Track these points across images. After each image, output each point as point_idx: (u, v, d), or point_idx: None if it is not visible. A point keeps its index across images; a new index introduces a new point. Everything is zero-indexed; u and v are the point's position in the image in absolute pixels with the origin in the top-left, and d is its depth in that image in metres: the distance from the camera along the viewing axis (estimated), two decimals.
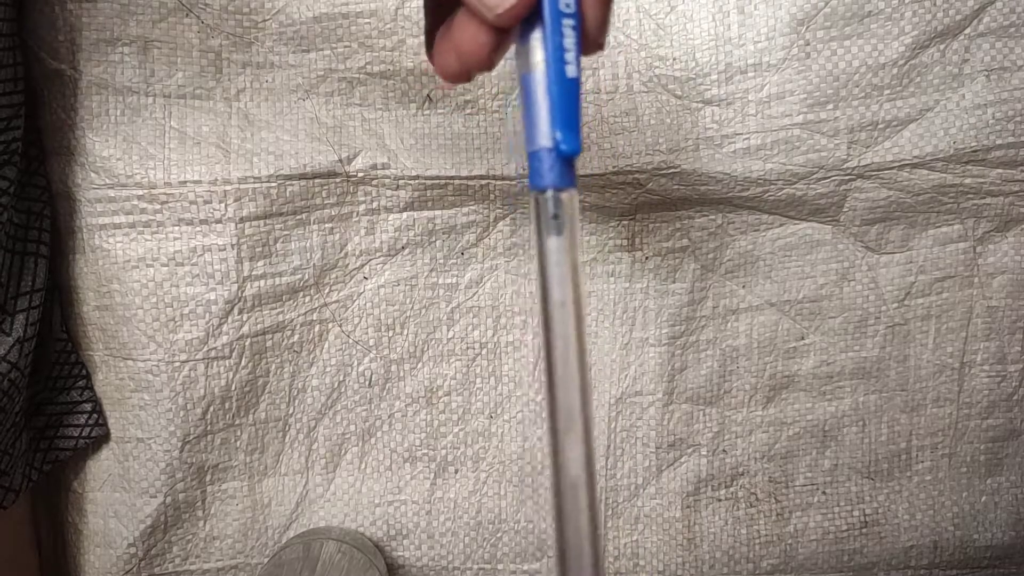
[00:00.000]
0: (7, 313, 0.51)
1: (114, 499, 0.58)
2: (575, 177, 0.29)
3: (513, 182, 0.57)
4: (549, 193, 0.29)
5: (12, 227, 0.52)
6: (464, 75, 0.32)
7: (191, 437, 0.57)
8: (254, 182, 0.56)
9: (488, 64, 0.31)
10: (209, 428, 0.57)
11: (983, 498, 0.62)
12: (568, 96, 0.28)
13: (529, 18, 0.28)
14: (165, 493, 0.57)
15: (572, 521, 0.29)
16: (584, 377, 0.29)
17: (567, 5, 0.28)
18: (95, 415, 0.57)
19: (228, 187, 0.55)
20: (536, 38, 0.28)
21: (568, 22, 0.28)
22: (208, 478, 0.58)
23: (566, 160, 0.28)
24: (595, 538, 0.29)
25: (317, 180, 0.56)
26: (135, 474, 0.57)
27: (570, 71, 0.28)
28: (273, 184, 0.56)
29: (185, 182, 0.55)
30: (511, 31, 0.29)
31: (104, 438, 0.58)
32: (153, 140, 0.54)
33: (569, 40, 0.28)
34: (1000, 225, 0.59)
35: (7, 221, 0.51)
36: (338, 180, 0.56)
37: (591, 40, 0.30)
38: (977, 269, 0.60)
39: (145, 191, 0.54)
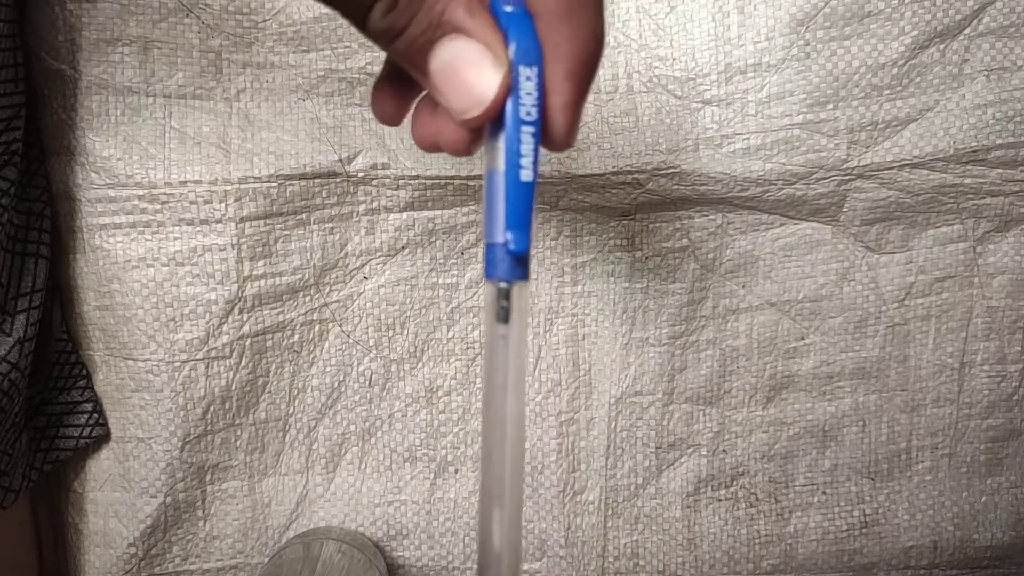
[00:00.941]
0: (7, 313, 0.51)
1: (114, 499, 0.58)
2: (527, 271, 0.31)
3: None
4: (500, 284, 0.30)
5: (12, 227, 0.52)
6: (440, 150, 0.33)
7: (191, 437, 0.57)
8: (254, 182, 0.56)
9: (466, 153, 0.32)
10: (209, 428, 0.57)
11: (983, 498, 0.62)
12: (521, 199, 0.30)
13: (497, 119, 0.29)
14: (165, 493, 0.57)
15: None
16: (518, 456, 0.31)
17: (528, 113, 0.29)
18: (95, 415, 0.57)
19: (228, 187, 0.56)
20: (500, 140, 0.30)
21: (527, 129, 0.29)
22: (208, 478, 0.58)
23: (517, 257, 0.30)
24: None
25: (317, 180, 0.56)
26: (135, 474, 0.57)
27: (524, 175, 0.29)
28: (273, 184, 0.56)
29: (185, 182, 0.55)
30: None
31: (104, 438, 0.58)
32: (153, 140, 0.54)
33: (526, 147, 0.29)
34: (1000, 225, 0.59)
35: (7, 222, 0.51)
36: (338, 180, 0.57)
37: (559, 143, 0.31)
38: (977, 269, 0.60)
39: (145, 191, 0.54)
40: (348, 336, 0.59)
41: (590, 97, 0.56)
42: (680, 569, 0.62)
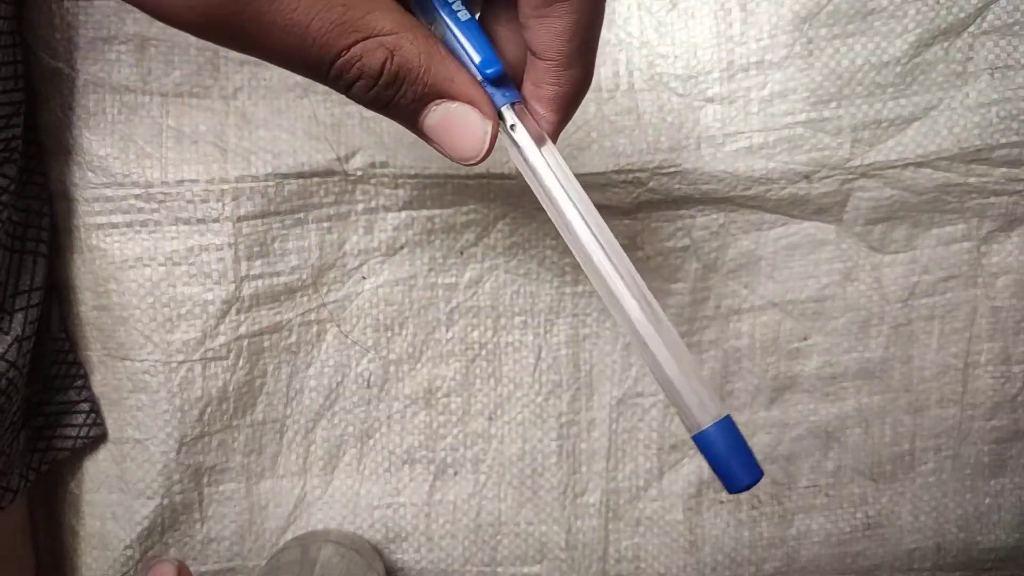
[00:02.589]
0: (5, 312, 0.51)
1: (111, 501, 0.58)
2: (514, 92, 0.36)
3: (513, 181, 0.57)
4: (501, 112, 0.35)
5: (11, 225, 0.52)
6: None
7: (188, 438, 0.57)
8: (251, 181, 0.56)
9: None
10: (206, 429, 0.57)
11: (987, 500, 0.62)
12: (470, 33, 0.34)
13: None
14: (162, 495, 0.57)
15: (659, 367, 0.33)
16: (614, 241, 0.35)
17: (463, 15, 0.34)
18: (93, 415, 0.57)
19: (225, 186, 0.56)
20: (437, 21, 0.34)
21: (470, 25, 0.34)
22: (205, 480, 0.58)
23: (496, 80, 0.34)
24: (688, 366, 0.33)
25: (315, 179, 0.56)
26: (132, 476, 0.57)
27: (462, 16, 0.34)
28: (271, 183, 0.56)
29: (182, 181, 0.55)
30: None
31: (101, 439, 0.58)
32: (150, 139, 0.55)
33: (473, 42, 0.34)
34: (1004, 224, 0.59)
35: (7, 219, 0.51)
36: (336, 179, 0.57)
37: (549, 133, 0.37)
38: (981, 269, 0.60)
39: (142, 190, 0.54)
40: (346, 337, 0.59)
41: (591, 95, 0.56)
42: (682, 572, 0.62)
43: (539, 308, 0.60)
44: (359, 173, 0.56)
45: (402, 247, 0.59)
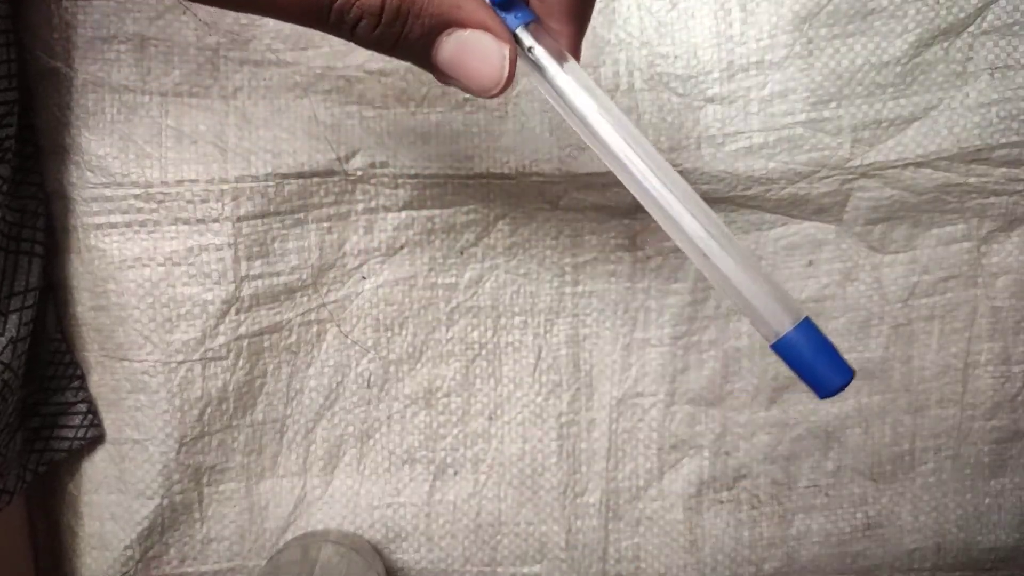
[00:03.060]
0: (1, 312, 0.51)
1: (110, 501, 0.58)
2: (528, 12, 0.33)
3: (512, 180, 0.57)
4: (520, 33, 0.33)
5: (6, 225, 0.52)
6: None
7: (188, 439, 0.57)
8: (251, 181, 0.55)
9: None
10: (206, 429, 0.57)
11: (987, 500, 0.62)
12: None
13: None
14: (162, 495, 0.57)
15: (725, 279, 0.31)
16: (656, 151, 0.33)
17: None
18: (90, 416, 0.56)
19: (225, 186, 0.55)
20: None
21: None
22: (205, 480, 0.58)
23: (506, 3, 0.33)
24: (751, 275, 0.31)
25: (315, 179, 0.56)
26: (131, 476, 0.57)
27: None
28: (271, 183, 0.56)
29: (182, 181, 0.54)
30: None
31: (99, 439, 0.57)
32: (150, 139, 0.54)
33: None
34: (1004, 225, 0.58)
35: (1, 219, 0.50)
36: (336, 179, 0.56)
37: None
38: (981, 269, 0.59)
39: (142, 190, 0.54)
40: (346, 336, 0.59)
41: None
42: (682, 572, 0.61)
43: (539, 308, 0.60)
44: (359, 173, 0.56)
45: (402, 247, 0.58)
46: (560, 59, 0.34)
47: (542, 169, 0.56)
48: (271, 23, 0.54)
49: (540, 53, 0.33)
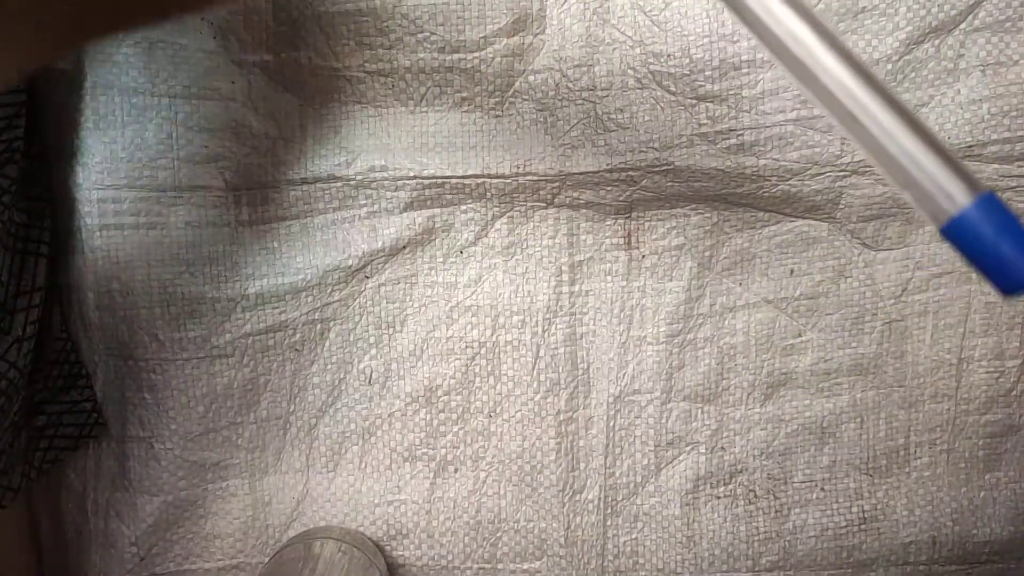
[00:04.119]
0: (7, 312, 0.50)
1: (115, 498, 0.57)
2: None
3: (508, 180, 0.57)
4: None
5: (13, 226, 0.51)
6: None
7: (193, 435, 0.56)
8: (258, 187, 0.55)
9: None
10: (211, 426, 0.57)
11: (981, 493, 0.61)
12: None
13: None
14: (167, 492, 0.56)
15: (875, 135, 0.24)
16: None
17: None
18: (95, 414, 0.56)
19: (235, 192, 0.55)
20: None
21: None
22: (209, 476, 0.58)
23: None
24: (925, 133, 0.24)
25: (319, 184, 0.56)
26: (136, 473, 0.56)
27: None
28: (276, 189, 0.56)
29: (192, 185, 0.54)
30: None
31: (104, 437, 0.57)
32: (159, 141, 0.54)
33: None
34: None
35: (8, 220, 0.50)
36: (339, 184, 0.56)
37: None
38: None
39: (151, 193, 0.54)
40: (349, 334, 0.59)
41: (585, 94, 0.55)
42: (679, 567, 0.61)
43: (537, 307, 0.59)
44: (360, 177, 0.56)
45: (404, 247, 0.58)
46: None
47: (537, 168, 0.56)
48: (273, 24, 0.54)
49: None
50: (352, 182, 0.56)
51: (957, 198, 0.23)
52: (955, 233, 0.23)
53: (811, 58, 0.25)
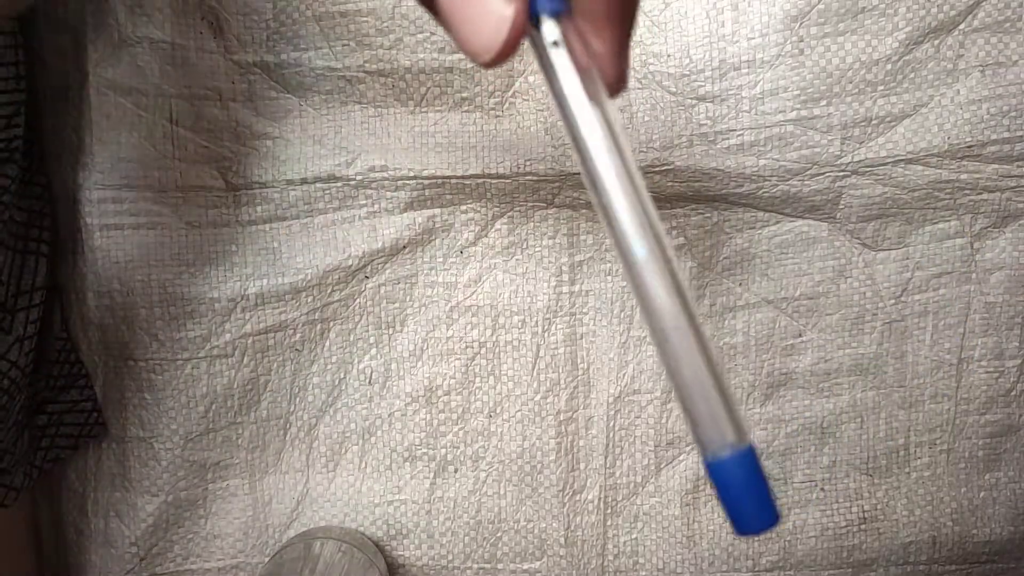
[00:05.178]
0: (7, 311, 0.50)
1: (115, 498, 0.56)
2: (563, 2, 0.26)
3: (508, 180, 0.56)
4: (543, 25, 0.26)
5: (14, 225, 0.51)
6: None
7: (193, 435, 0.56)
8: (259, 187, 0.55)
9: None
10: (211, 426, 0.56)
11: (981, 494, 0.60)
12: None
13: None
14: (167, 492, 0.56)
15: (677, 366, 0.25)
16: (644, 188, 0.26)
17: None
18: (95, 414, 0.55)
19: (235, 192, 0.55)
20: None
21: None
22: (209, 476, 0.57)
23: None
24: (716, 377, 0.25)
25: (318, 184, 0.55)
26: (136, 473, 0.56)
27: None
28: (276, 189, 0.55)
29: (192, 185, 0.54)
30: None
31: (104, 437, 0.56)
32: (160, 141, 0.53)
33: None
34: (997, 221, 0.57)
35: (9, 219, 0.49)
36: (339, 184, 0.55)
37: (613, 89, 0.27)
38: (974, 265, 0.58)
39: (153, 193, 0.53)
40: (349, 334, 0.58)
41: None
42: (680, 567, 0.60)
43: (537, 307, 0.59)
44: (359, 178, 0.55)
45: (404, 247, 0.57)
46: (586, 79, 0.26)
47: (537, 168, 0.55)
48: (274, 24, 0.53)
49: (561, 56, 0.26)
50: (352, 182, 0.55)
51: (728, 440, 0.25)
52: (716, 468, 0.25)
53: (641, 282, 0.26)
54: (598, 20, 0.26)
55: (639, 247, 0.26)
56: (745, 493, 0.25)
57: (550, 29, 0.26)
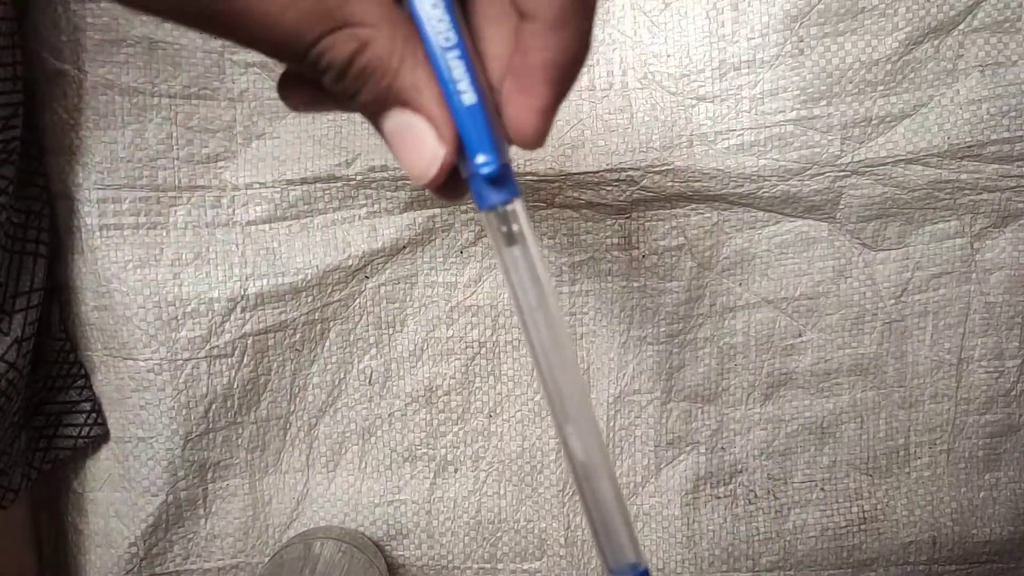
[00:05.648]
0: (5, 312, 0.49)
1: (115, 498, 0.56)
2: (515, 187, 0.29)
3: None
4: (496, 210, 0.29)
5: (11, 226, 0.50)
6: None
7: (193, 435, 0.55)
8: (259, 187, 0.55)
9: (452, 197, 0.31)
10: (211, 426, 0.56)
11: (981, 493, 0.60)
12: (474, 122, 0.28)
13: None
14: (167, 492, 0.56)
15: (593, 502, 0.30)
16: (570, 369, 0.30)
17: (446, 39, 0.27)
18: (94, 414, 0.55)
19: (235, 193, 0.54)
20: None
21: (451, 54, 0.27)
22: (209, 476, 0.57)
23: (497, 178, 0.28)
24: (623, 510, 0.30)
25: (319, 184, 0.55)
26: (136, 473, 0.56)
27: (466, 99, 0.27)
28: (276, 189, 0.55)
29: (192, 185, 0.54)
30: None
31: (104, 437, 0.56)
32: (160, 141, 0.53)
33: (458, 72, 0.27)
34: (997, 221, 0.57)
35: (6, 220, 0.49)
36: (339, 184, 0.55)
37: (529, 144, 0.29)
38: (974, 265, 0.58)
39: (152, 193, 0.53)
40: (349, 334, 0.58)
41: (585, 94, 0.54)
42: (679, 567, 0.60)
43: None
44: (359, 178, 0.55)
45: (404, 247, 0.57)
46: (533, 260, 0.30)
47: (536, 168, 0.55)
48: None
49: (521, 242, 0.29)
50: (352, 182, 0.55)
51: (628, 559, 0.30)
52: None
53: (565, 427, 0.30)
54: (539, 81, 0.28)
55: (569, 406, 0.30)
56: None
57: (512, 216, 0.29)
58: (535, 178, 0.55)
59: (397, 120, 0.29)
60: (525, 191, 0.56)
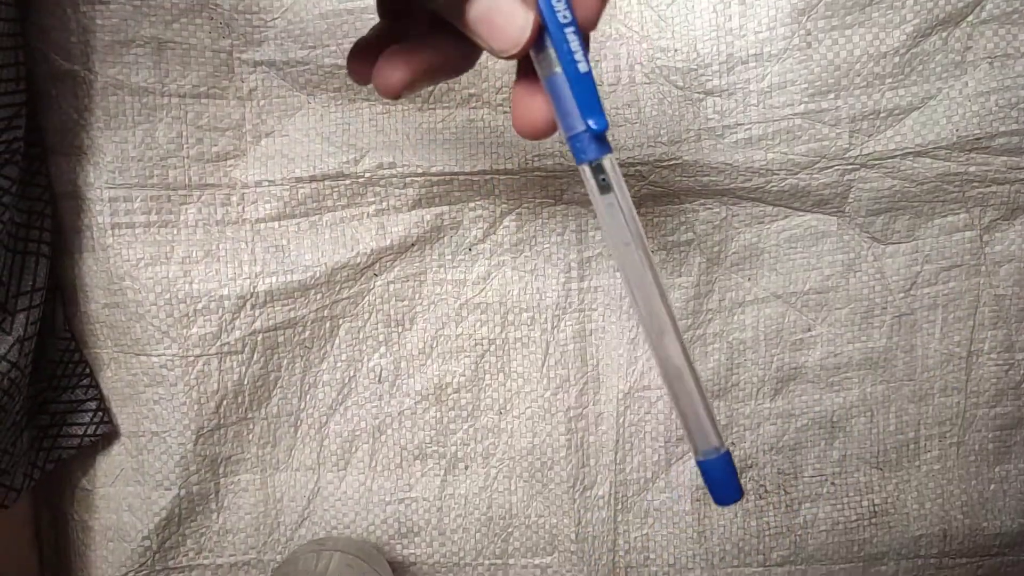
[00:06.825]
0: (7, 312, 0.49)
1: (127, 493, 0.56)
2: (609, 145, 0.33)
3: (516, 176, 0.56)
4: (594, 163, 0.33)
5: (13, 226, 0.50)
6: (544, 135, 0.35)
7: (205, 430, 0.55)
8: (268, 185, 0.55)
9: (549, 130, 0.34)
10: (222, 421, 0.56)
11: (992, 486, 0.59)
12: (587, 88, 0.32)
13: (540, 31, 0.32)
14: (180, 485, 0.55)
15: (684, 398, 0.35)
16: (660, 291, 0.34)
17: (564, 16, 0.31)
18: (100, 413, 0.55)
19: (245, 190, 0.54)
20: (549, 46, 0.32)
21: (570, 30, 0.31)
22: (222, 470, 0.56)
23: (600, 135, 0.32)
24: (706, 405, 0.35)
25: (327, 182, 0.55)
26: (149, 467, 0.55)
27: (582, 68, 0.32)
28: (285, 187, 0.55)
29: (202, 184, 0.54)
30: None
31: (111, 435, 0.55)
32: (170, 140, 0.53)
33: (574, 44, 0.31)
34: (1006, 213, 0.56)
35: (8, 220, 0.48)
36: (347, 182, 0.55)
37: (589, 23, 0.33)
38: (984, 258, 0.57)
39: (162, 192, 0.53)
40: (358, 332, 0.58)
41: None
42: (690, 562, 0.59)
43: (546, 304, 0.58)
44: (368, 175, 0.55)
45: (413, 245, 0.57)
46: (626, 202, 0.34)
47: (545, 164, 0.55)
48: (281, 23, 0.53)
49: (615, 190, 0.33)
50: (360, 179, 0.55)
51: (713, 447, 0.35)
52: (705, 464, 0.35)
53: (663, 338, 0.35)
54: None
55: (659, 309, 0.35)
56: (728, 478, 0.35)
57: (609, 167, 0.33)
58: (543, 174, 0.55)
59: (483, 3, 0.32)
60: (533, 187, 0.56)
